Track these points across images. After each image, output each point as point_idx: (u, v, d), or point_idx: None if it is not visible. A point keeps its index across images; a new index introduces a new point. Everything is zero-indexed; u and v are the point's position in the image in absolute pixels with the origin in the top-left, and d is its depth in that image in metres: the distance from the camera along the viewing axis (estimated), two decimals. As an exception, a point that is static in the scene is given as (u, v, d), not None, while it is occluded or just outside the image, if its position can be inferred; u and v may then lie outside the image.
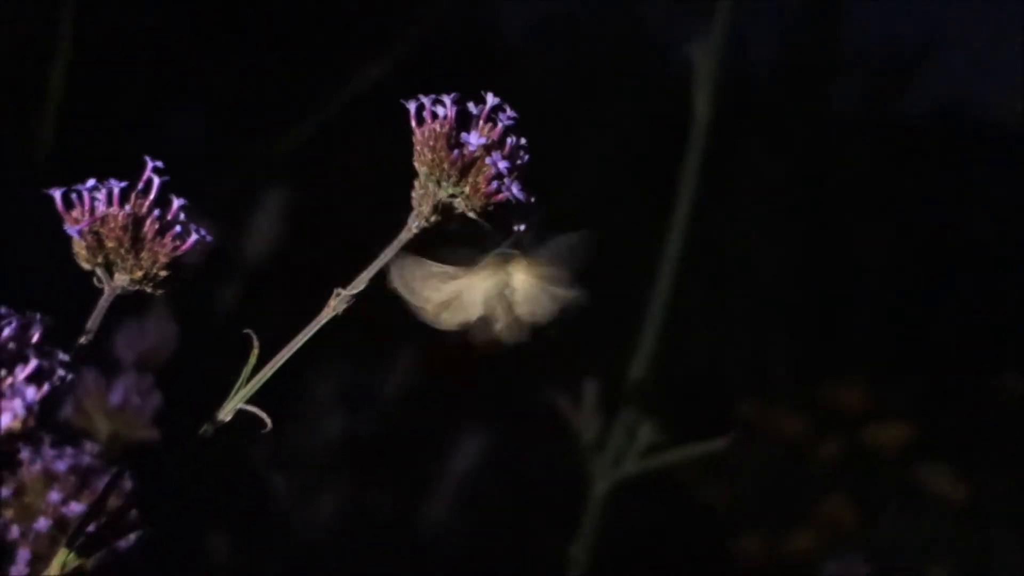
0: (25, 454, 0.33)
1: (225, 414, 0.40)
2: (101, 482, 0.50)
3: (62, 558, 0.39)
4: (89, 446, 0.52)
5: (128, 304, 0.41)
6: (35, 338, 0.34)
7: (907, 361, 1.62)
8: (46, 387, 0.32)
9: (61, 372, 0.33)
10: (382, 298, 0.41)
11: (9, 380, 0.31)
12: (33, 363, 0.32)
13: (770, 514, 1.45)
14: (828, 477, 1.49)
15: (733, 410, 1.50)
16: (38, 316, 0.34)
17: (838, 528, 1.41)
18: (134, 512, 0.42)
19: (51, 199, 0.39)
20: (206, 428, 0.40)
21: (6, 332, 0.33)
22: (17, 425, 0.31)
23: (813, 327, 1.66)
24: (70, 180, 0.40)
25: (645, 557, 1.32)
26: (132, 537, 0.49)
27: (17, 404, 0.30)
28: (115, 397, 0.62)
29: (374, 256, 0.41)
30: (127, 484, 0.47)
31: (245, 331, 0.40)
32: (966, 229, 1.79)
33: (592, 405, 0.85)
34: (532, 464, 1.27)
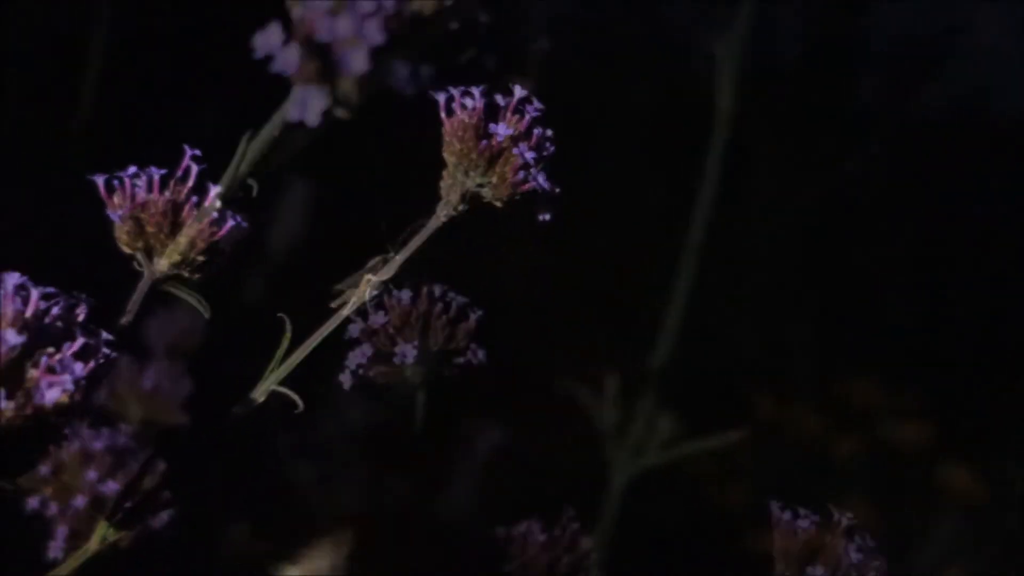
0: (65, 432, 0.34)
1: (259, 394, 0.41)
2: (135, 462, 0.52)
3: (102, 531, 0.40)
4: (124, 427, 0.53)
5: (159, 293, 0.42)
6: (81, 317, 0.35)
7: (927, 358, 1.62)
8: (92, 364, 0.33)
9: (105, 350, 0.34)
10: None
11: (57, 356, 0.32)
12: (80, 340, 0.33)
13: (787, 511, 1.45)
14: (846, 474, 1.49)
15: (752, 407, 1.50)
16: (84, 296, 0.35)
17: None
18: (167, 492, 0.44)
19: (93, 184, 0.40)
20: (239, 408, 0.41)
21: (54, 311, 0.34)
22: (65, 399, 0.32)
23: (833, 323, 1.66)
24: (106, 165, 0.42)
25: (662, 552, 1.33)
26: (165, 516, 0.50)
27: (66, 379, 0.32)
28: (147, 383, 0.63)
29: (403, 244, 0.42)
30: (160, 465, 0.49)
31: (279, 315, 0.41)
32: (987, 225, 1.78)
33: (612, 397, 0.86)
34: (551, 455, 1.28)
